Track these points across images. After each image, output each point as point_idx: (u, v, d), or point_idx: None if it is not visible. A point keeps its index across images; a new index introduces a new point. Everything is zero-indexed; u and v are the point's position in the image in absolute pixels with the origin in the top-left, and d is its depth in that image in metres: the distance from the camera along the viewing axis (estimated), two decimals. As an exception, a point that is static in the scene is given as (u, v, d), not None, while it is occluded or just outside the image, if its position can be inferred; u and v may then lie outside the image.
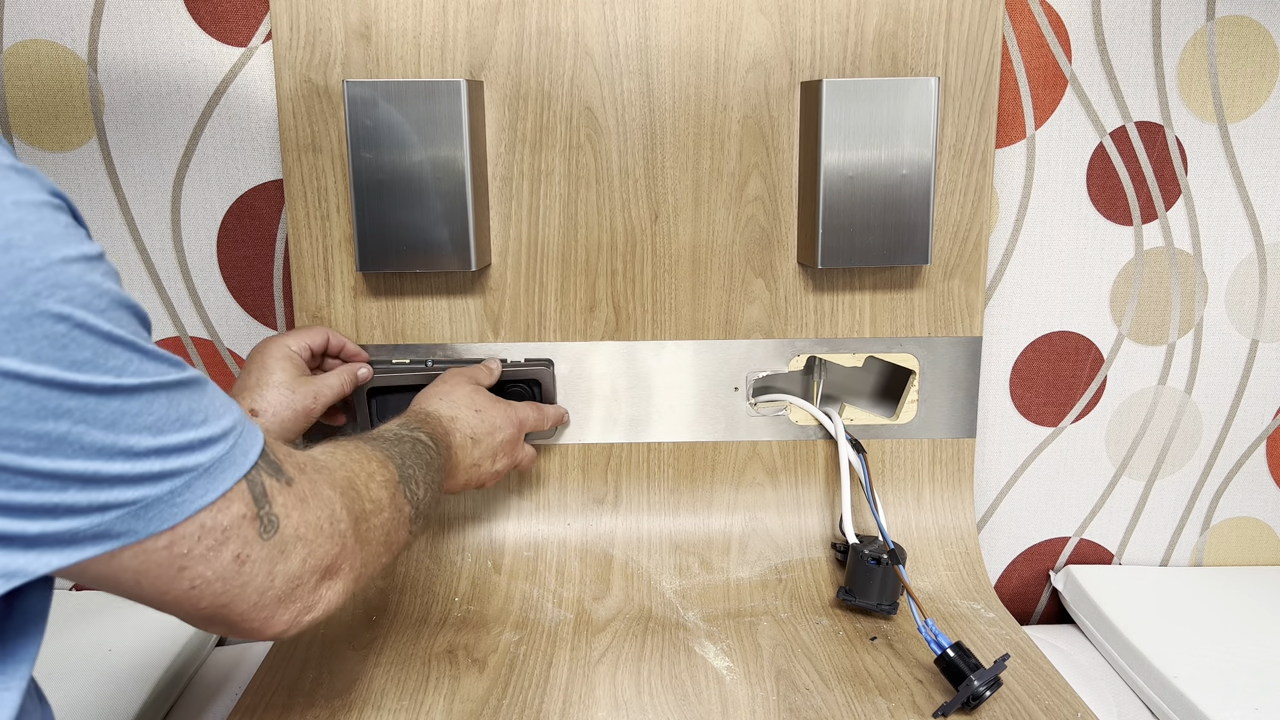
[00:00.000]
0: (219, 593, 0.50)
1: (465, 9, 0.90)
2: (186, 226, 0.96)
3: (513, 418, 0.86)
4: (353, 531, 0.59)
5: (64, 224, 0.43)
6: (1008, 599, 1.09)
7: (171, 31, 0.91)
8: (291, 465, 0.56)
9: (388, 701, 0.78)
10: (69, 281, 0.42)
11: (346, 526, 0.58)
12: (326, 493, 0.57)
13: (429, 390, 0.85)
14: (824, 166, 0.88)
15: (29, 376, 0.41)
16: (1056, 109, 0.97)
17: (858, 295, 0.96)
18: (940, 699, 0.78)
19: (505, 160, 0.93)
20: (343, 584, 0.58)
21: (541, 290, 0.95)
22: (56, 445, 0.42)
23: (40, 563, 0.43)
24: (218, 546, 0.49)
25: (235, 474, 0.50)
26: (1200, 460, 1.06)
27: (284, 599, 0.54)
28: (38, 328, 0.41)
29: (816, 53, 0.92)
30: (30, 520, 0.43)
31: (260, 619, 0.53)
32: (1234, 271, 1.01)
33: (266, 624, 0.54)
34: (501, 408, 0.86)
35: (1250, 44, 0.96)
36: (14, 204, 0.41)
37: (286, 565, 0.53)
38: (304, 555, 0.54)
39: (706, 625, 0.89)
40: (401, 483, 0.67)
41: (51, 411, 0.42)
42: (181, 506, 0.47)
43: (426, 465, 0.72)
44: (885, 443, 0.99)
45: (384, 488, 0.65)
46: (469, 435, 0.82)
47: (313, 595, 0.56)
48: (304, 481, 0.56)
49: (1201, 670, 0.85)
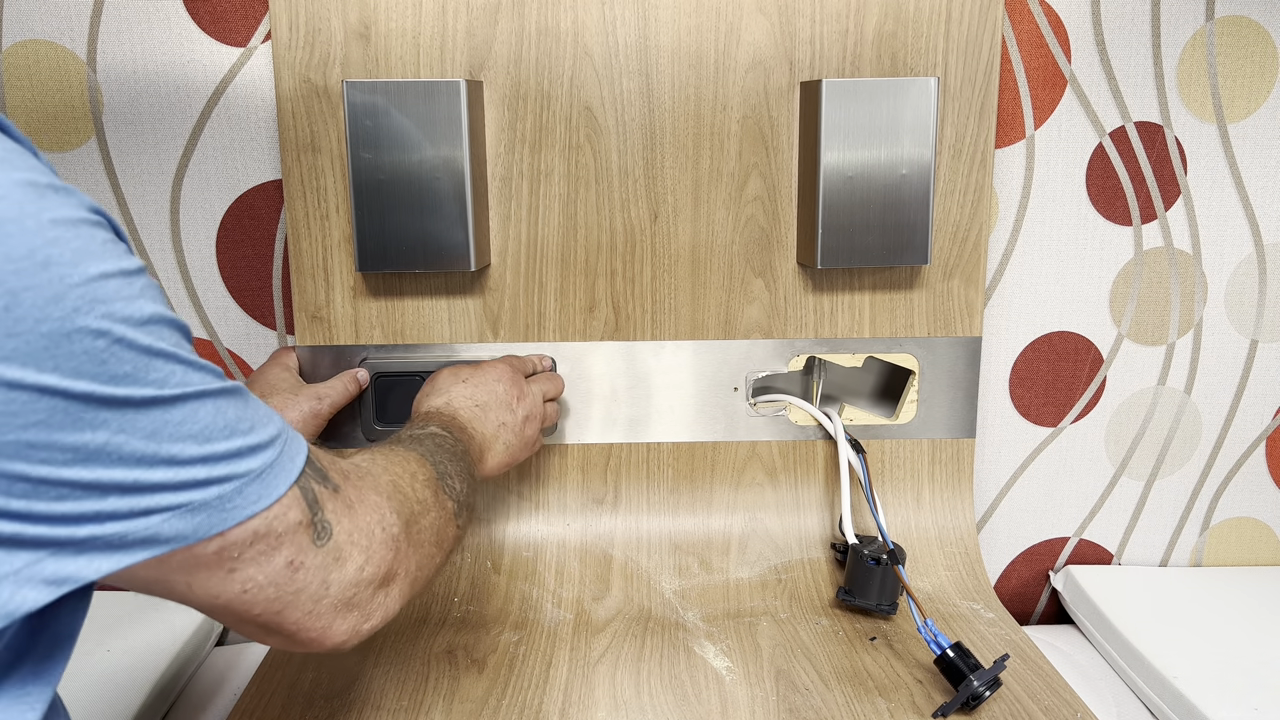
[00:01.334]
0: (271, 599, 0.50)
1: (465, 9, 0.90)
2: (186, 226, 0.96)
3: (501, 367, 0.85)
4: (405, 535, 0.58)
5: (102, 240, 0.44)
6: (1007, 599, 1.09)
7: (171, 32, 0.91)
8: (336, 472, 0.55)
9: (387, 701, 0.78)
10: (107, 297, 0.42)
11: (399, 530, 0.58)
12: (373, 498, 0.57)
13: (418, 396, 0.84)
14: (823, 166, 0.88)
15: (67, 392, 0.41)
16: (1056, 109, 0.97)
17: (857, 295, 0.96)
18: (940, 699, 0.78)
19: (505, 160, 0.93)
20: (399, 590, 0.57)
21: (541, 290, 0.95)
22: (95, 456, 0.42)
23: (91, 568, 0.43)
24: (270, 551, 0.49)
25: (287, 480, 0.50)
26: (1200, 460, 1.06)
27: (340, 608, 0.53)
28: (77, 344, 0.41)
29: (816, 53, 0.92)
30: (75, 526, 0.43)
31: (318, 628, 0.53)
32: (1233, 272, 1.01)
33: (325, 634, 0.53)
34: (487, 365, 0.85)
35: (1250, 44, 0.96)
36: (51, 221, 0.41)
37: (342, 573, 0.53)
38: (360, 563, 0.54)
39: (706, 625, 0.89)
40: (440, 479, 0.67)
41: (89, 423, 0.42)
42: (232, 512, 0.47)
43: (452, 455, 0.72)
44: (885, 443, 0.99)
45: (427, 486, 0.64)
46: (473, 405, 0.81)
47: (370, 603, 0.55)
48: (349, 488, 0.55)
49: (1201, 670, 0.85)
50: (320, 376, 0.95)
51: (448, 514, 0.66)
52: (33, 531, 0.42)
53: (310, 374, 0.95)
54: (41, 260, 0.40)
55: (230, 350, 0.98)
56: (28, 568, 0.42)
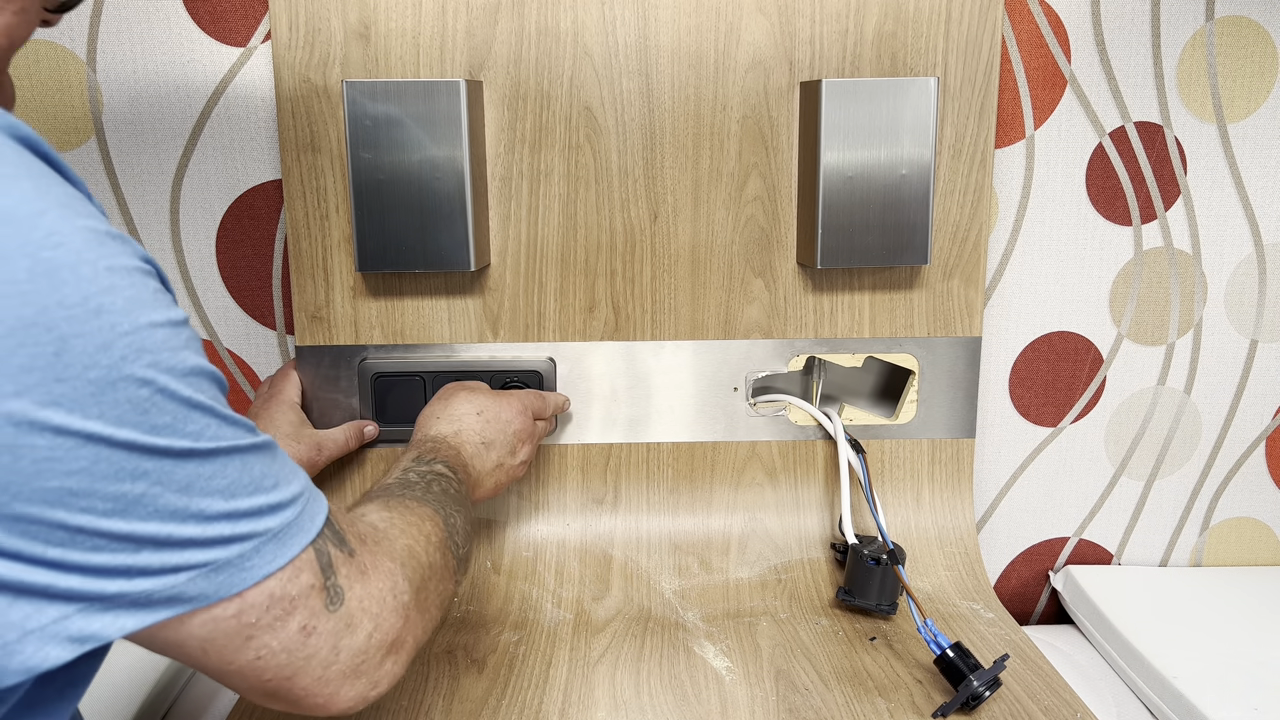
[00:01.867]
0: (283, 664, 0.50)
1: (464, 9, 0.90)
2: (185, 227, 0.96)
3: (518, 406, 0.85)
4: (414, 602, 0.58)
5: (153, 289, 0.44)
6: (1007, 599, 1.09)
7: (170, 31, 0.91)
8: (353, 535, 0.55)
9: (387, 701, 0.78)
10: (154, 346, 0.43)
11: (409, 599, 0.57)
12: (387, 565, 0.56)
13: (427, 411, 0.83)
14: (823, 166, 0.88)
15: (111, 439, 0.41)
16: (1056, 109, 0.97)
17: (857, 295, 0.96)
18: (940, 699, 0.78)
19: (504, 160, 0.93)
20: (405, 656, 0.57)
21: (541, 290, 0.95)
22: (132, 507, 0.42)
23: (115, 626, 0.43)
24: (285, 616, 0.49)
25: (303, 540, 0.49)
26: (1199, 460, 1.06)
27: (349, 675, 0.53)
28: (122, 391, 0.41)
29: (816, 53, 0.92)
30: (107, 580, 0.43)
31: (325, 694, 0.52)
32: (1233, 271, 1.01)
33: (331, 700, 0.52)
34: (505, 400, 0.85)
35: (1249, 44, 0.96)
36: (107, 269, 0.42)
37: (353, 640, 0.52)
38: (369, 630, 0.53)
39: (706, 625, 0.89)
40: (449, 538, 0.66)
41: (130, 473, 0.42)
42: (250, 571, 0.47)
43: (459, 504, 0.71)
44: (884, 443, 0.99)
45: (438, 549, 0.64)
46: (480, 442, 0.81)
47: (378, 670, 0.54)
48: (365, 553, 0.55)
49: (1201, 670, 0.85)
50: (320, 375, 0.95)
51: (450, 572, 0.65)
52: (65, 583, 0.42)
53: (311, 373, 0.95)
54: (95, 308, 0.41)
55: (230, 350, 0.98)
56: (55, 624, 0.42)
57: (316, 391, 0.95)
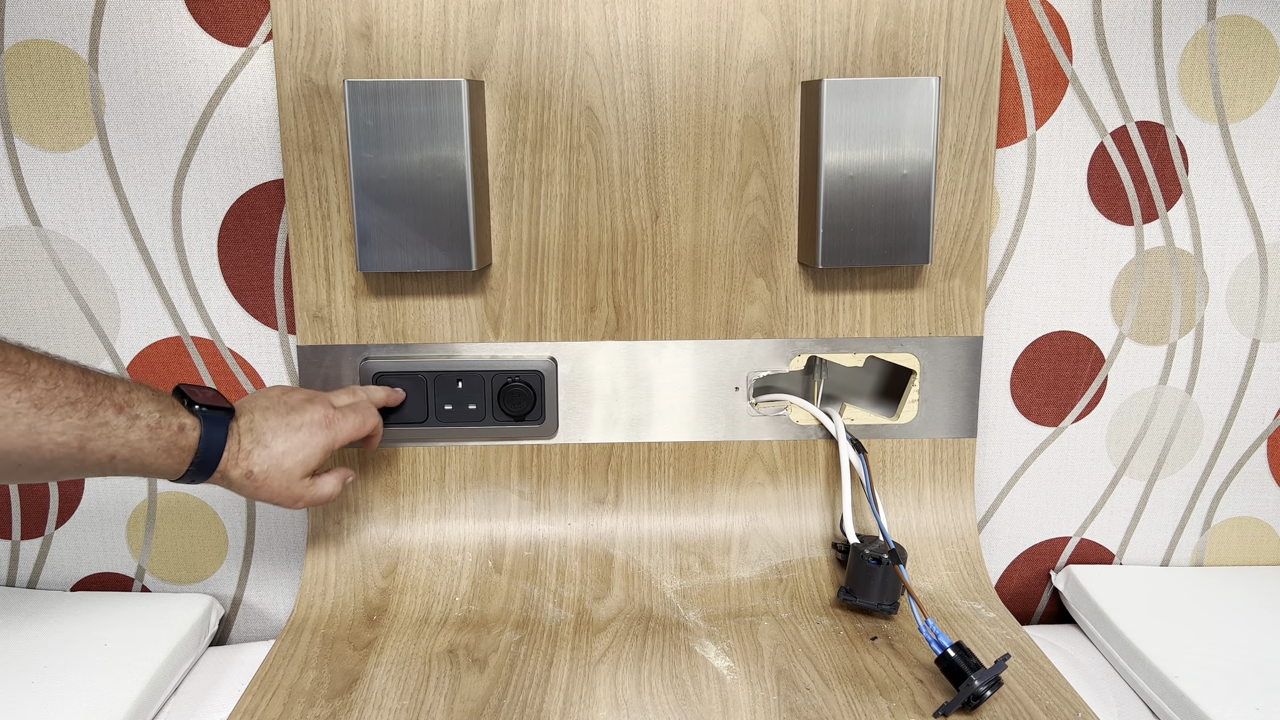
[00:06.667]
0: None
1: (466, 9, 0.90)
2: (187, 226, 0.96)
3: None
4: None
5: None
6: (1008, 599, 1.09)
7: (172, 31, 0.91)
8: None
9: (388, 701, 0.78)
10: None
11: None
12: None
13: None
14: (824, 166, 0.88)
15: None
16: (1057, 109, 0.97)
17: (858, 295, 0.96)
18: (941, 699, 0.78)
19: (506, 160, 0.93)
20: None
21: (542, 290, 0.95)
22: None
23: None
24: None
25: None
26: (1201, 460, 1.06)
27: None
28: None
29: (817, 52, 0.92)
30: None
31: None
32: (1235, 271, 1.01)
33: None
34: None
35: (1251, 44, 0.96)
36: None
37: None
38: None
39: (707, 625, 0.89)
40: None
41: None
42: None
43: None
44: (886, 442, 0.99)
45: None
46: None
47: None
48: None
49: (1202, 670, 0.85)
50: (321, 375, 0.95)
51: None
52: None
53: (313, 373, 0.95)
54: None
55: (232, 350, 0.99)
56: None
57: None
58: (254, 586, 1.03)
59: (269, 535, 1.02)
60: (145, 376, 0.98)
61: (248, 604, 1.04)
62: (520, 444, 0.98)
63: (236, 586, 1.03)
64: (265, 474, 0.78)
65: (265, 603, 1.04)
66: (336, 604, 0.93)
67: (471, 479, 0.99)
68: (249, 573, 1.03)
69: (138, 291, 0.97)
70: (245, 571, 1.03)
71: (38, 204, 0.94)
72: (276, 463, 0.79)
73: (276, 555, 1.03)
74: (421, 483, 0.98)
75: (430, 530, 0.98)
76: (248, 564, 1.03)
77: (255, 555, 1.03)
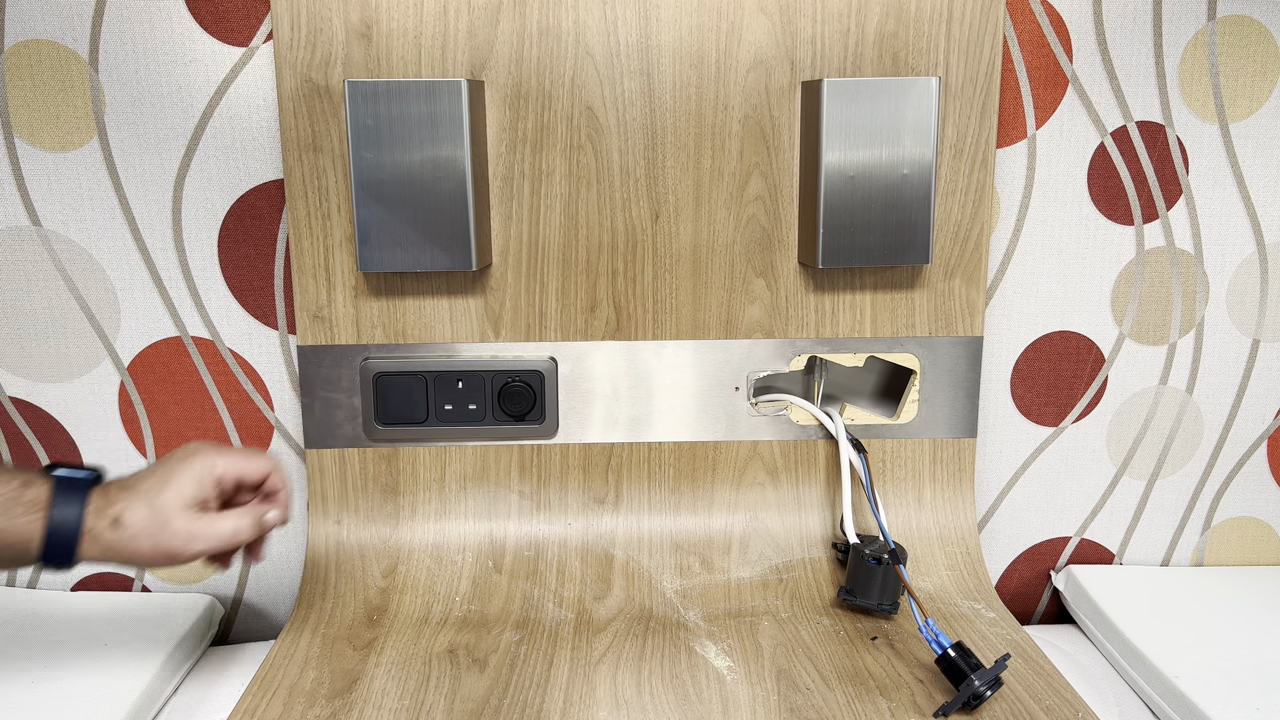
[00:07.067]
0: None
1: (466, 8, 0.90)
2: (187, 226, 0.96)
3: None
4: None
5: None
6: (1008, 599, 1.09)
7: (172, 31, 0.91)
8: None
9: (388, 701, 0.78)
10: None
11: None
12: None
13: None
14: (825, 166, 0.88)
15: None
16: (1057, 108, 0.97)
17: (858, 295, 0.96)
18: (941, 699, 0.78)
19: (506, 160, 0.93)
20: None
21: (542, 290, 0.95)
22: None
23: None
24: None
25: None
26: (1201, 460, 1.06)
27: None
28: None
29: (817, 52, 0.92)
30: None
31: None
32: (1235, 271, 1.01)
33: None
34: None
35: (1251, 44, 0.96)
36: None
37: None
38: None
39: (707, 625, 0.89)
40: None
41: None
42: None
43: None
44: (886, 442, 0.99)
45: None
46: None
47: None
48: None
49: (1203, 670, 0.85)
50: (321, 375, 0.95)
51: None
52: None
53: (313, 373, 0.95)
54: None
55: (232, 350, 0.99)
56: None
57: (318, 391, 0.96)
58: (254, 586, 1.04)
59: (269, 535, 1.02)
60: (146, 376, 0.98)
61: (248, 604, 1.04)
62: (520, 444, 0.98)
63: (237, 586, 1.03)
64: (135, 519, 0.69)
65: (265, 603, 1.04)
66: (336, 604, 0.93)
67: (471, 479, 0.99)
68: (249, 572, 1.03)
69: (138, 291, 0.97)
70: (245, 571, 1.03)
71: (38, 204, 0.94)
72: (147, 499, 0.69)
73: (277, 555, 1.03)
74: (421, 483, 0.98)
75: (430, 530, 0.98)
76: (248, 564, 1.03)
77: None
